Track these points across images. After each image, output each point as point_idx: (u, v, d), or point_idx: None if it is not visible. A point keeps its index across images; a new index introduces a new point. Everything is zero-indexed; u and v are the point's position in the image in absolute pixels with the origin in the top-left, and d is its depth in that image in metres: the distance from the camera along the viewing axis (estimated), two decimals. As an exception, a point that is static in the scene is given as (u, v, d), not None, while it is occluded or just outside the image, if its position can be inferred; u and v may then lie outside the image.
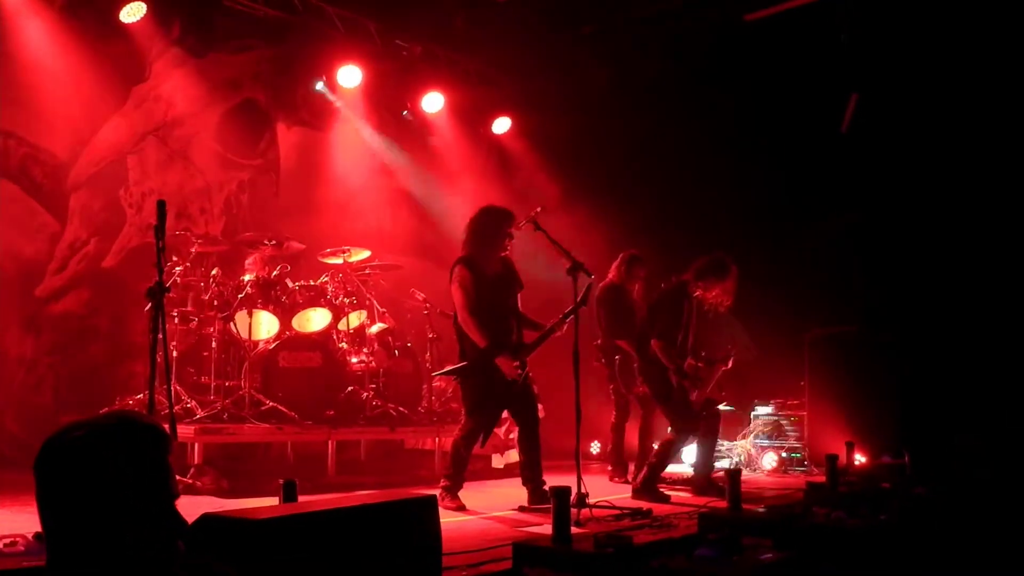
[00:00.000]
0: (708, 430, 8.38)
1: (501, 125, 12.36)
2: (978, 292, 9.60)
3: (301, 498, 4.38)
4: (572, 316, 7.18)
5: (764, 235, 10.90)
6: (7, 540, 4.02)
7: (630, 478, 8.88)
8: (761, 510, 5.92)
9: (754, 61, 10.55)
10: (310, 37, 10.64)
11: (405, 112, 11.99)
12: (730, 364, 8.46)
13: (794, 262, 10.76)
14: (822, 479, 7.22)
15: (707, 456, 8.41)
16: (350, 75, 10.89)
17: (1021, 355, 9.17)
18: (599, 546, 4.49)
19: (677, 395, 8.11)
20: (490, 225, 7.44)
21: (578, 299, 7.17)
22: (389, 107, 11.82)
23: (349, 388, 9.31)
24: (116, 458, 2.18)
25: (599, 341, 9.34)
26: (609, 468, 9.56)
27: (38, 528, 2.25)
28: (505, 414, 8.19)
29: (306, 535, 3.17)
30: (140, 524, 2.17)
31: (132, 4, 9.15)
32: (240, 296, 8.92)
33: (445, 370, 8.12)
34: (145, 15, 9.25)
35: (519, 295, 7.60)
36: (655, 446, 8.32)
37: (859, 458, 9.31)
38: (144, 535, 2.17)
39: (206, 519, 3.12)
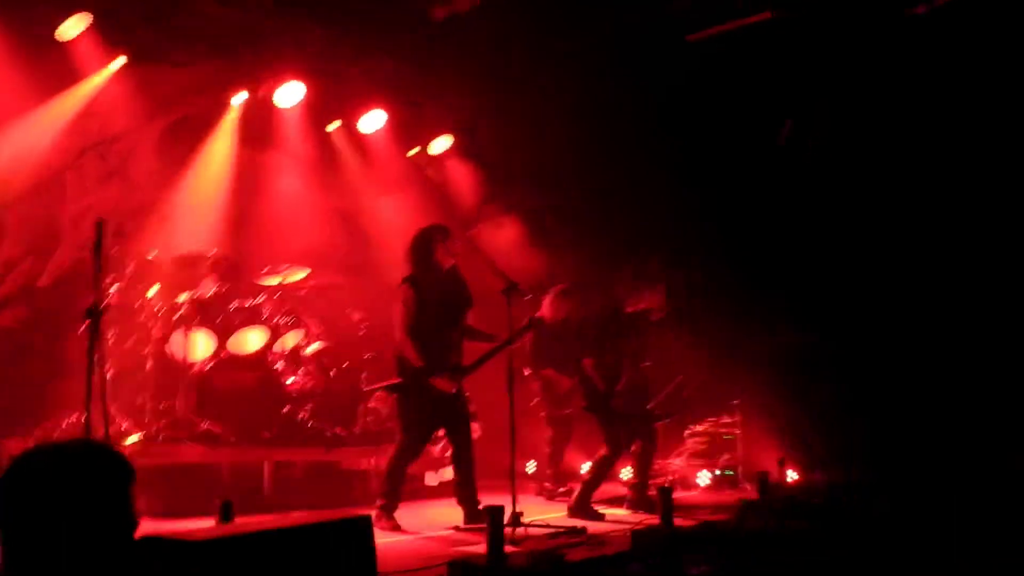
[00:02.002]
0: (644, 447, 8.47)
1: (441, 144, 12.38)
2: (915, 306, 9.75)
3: (238, 519, 4.40)
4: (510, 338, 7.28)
5: (704, 247, 11.00)
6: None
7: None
8: (694, 525, 6.02)
9: (699, 78, 10.66)
10: (249, 53, 10.58)
11: (333, 127, 11.85)
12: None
13: (729, 277, 10.88)
14: (755, 496, 7.34)
15: (642, 473, 8.51)
16: (290, 92, 10.83)
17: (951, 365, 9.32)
18: (533, 564, 4.56)
19: (611, 412, 8.22)
20: (426, 243, 7.54)
21: (522, 326, 7.35)
22: (329, 123, 11.78)
23: (285, 408, 9.28)
24: (80, 484, 2.21)
25: (527, 372, 9.47)
26: (547, 485, 9.65)
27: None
28: (441, 432, 8.26)
29: (244, 555, 3.19)
30: (101, 550, 2.20)
31: (72, 19, 9.01)
32: (176, 316, 8.87)
33: (380, 385, 8.16)
34: (83, 30, 9.16)
35: (468, 312, 7.68)
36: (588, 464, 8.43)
37: (791, 474, 9.46)
38: (105, 561, 2.21)
39: (147, 542, 3.14)
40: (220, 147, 11.20)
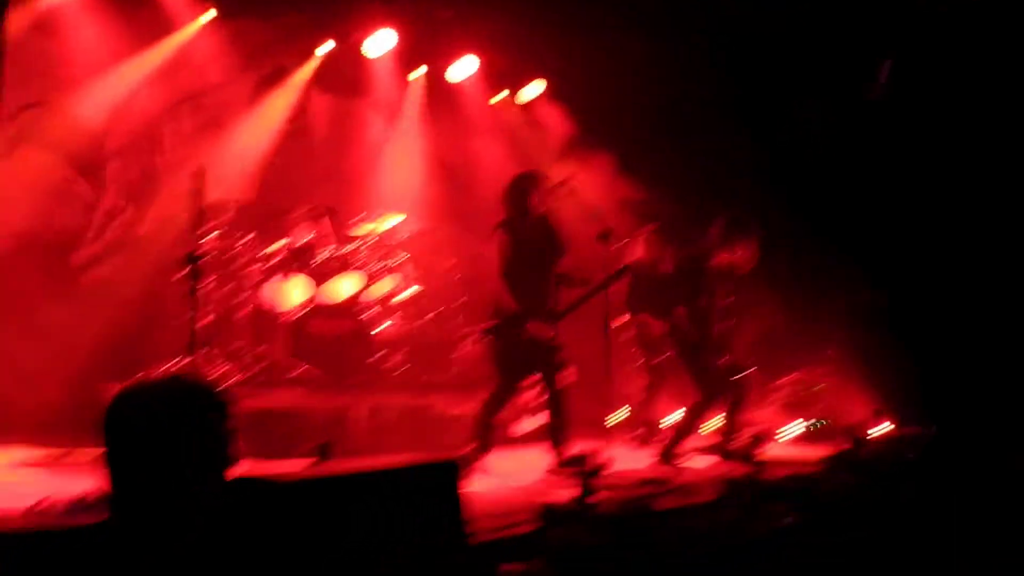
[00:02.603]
0: (735, 396, 8.43)
1: (534, 89, 12.32)
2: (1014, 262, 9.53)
3: (331, 462, 4.48)
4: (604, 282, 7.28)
5: (794, 203, 10.86)
6: (45, 503, 4.14)
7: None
8: (783, 477, 5.99)
9: (782, 32, 10.45)
10: (340, 1, 10.65)
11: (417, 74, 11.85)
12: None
13: (822, 229, 10.73)
14: (847, 447, 7.27)
15: (733, 423, 8.46)
16: (381, 40, 10.88)
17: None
18: (622, 510, 4.59)
19: (703, 360, 8.19)
20: (521, 189, 7.55)
21: (613, 273, 7.34)
22: (421, 72, 11.79)
23: (379, 353, 9.40)
24: (178, 417, 2.28)
25: (623, 319, 9.46)
26: (640, 431, 9.65)
27: (72, 491, 2.36)
28: (535, 377, 8.31)
29: (331, 497, 3.27)
30: (197, 483, 2.28)
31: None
32: (273, 262, 9.02)
33: (475, 329, 8.21)
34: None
35: (561, 260, 7.70)
36: (681, 412, 8.41)
37: (886, 427, 9.33)
38: (201, 494, 2.28)
39: (238, 482, 3.23)
40: (312, 96, 11.32)
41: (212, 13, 9.81)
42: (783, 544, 4.61)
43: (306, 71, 11.01)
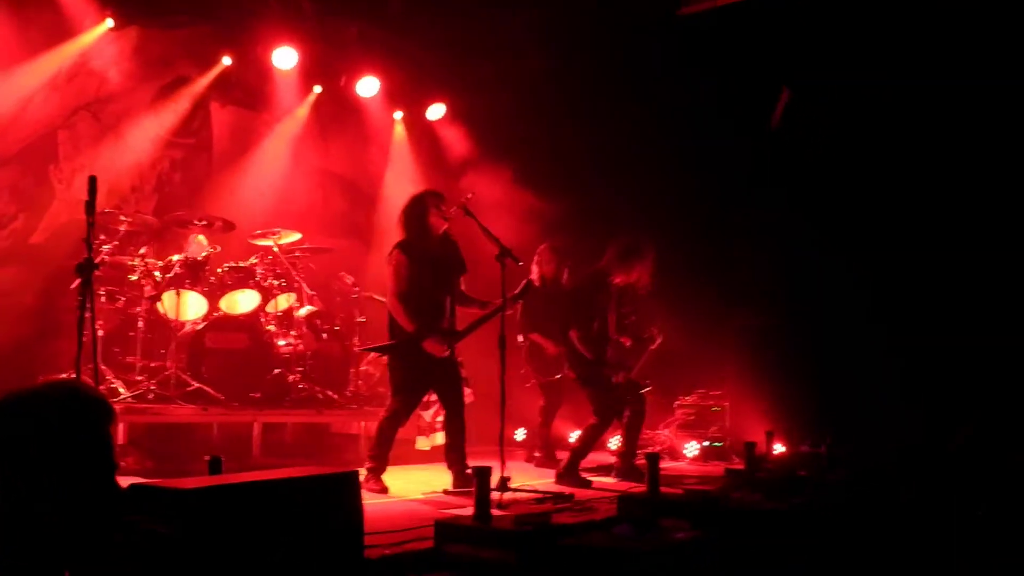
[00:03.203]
0: (633, 416, 8.50)
1: (436, 111, 12.37)
2: (903, 284, 9.78)
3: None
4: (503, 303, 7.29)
5: (693, 222, 11.05)
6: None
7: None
8: (679, 493, 6.05)
9: (687, 54, 10.66)
10: (244, 15, 10.57)
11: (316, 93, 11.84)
12: (656, 344, 8.66)
13: (721, 251, 10.94)
14: (742, 467, 7.38)
15: (631, 442, 8.53)
16: (285, 56, 10.84)
17: (942, 351, 9.35)
18: (519, 524, 4.59)
19: (600, 381, 8.26)
20: (420, 208, 7.53)
21: (516, 292, 7.39)
22: (323, 88, 11.75)
23: (276, 370, 9.30)
24: (62, 424, 2.22)
25: (520, 339, 9.52)
26: (536, 453, 9.68)
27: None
28: (432, 397, 8.28)
29: (230, 504, 3.21)
30: (82, 489, 2.22)
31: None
32: (168, 276, 8.88)
33: (373, 347, 8.16)
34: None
35: (461, 278, 7.70)
36: (577, 432, 8.46)
37: (778, 447, 9.51)
38: (86, 500, 2.22)
39: (135, 489, 3.16)
40: (213, 109, 11.20)
41: (110, 22, 9.63)
42: (679, 559, 4.65)
43: (206, 82, 10.88)
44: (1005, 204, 9.32)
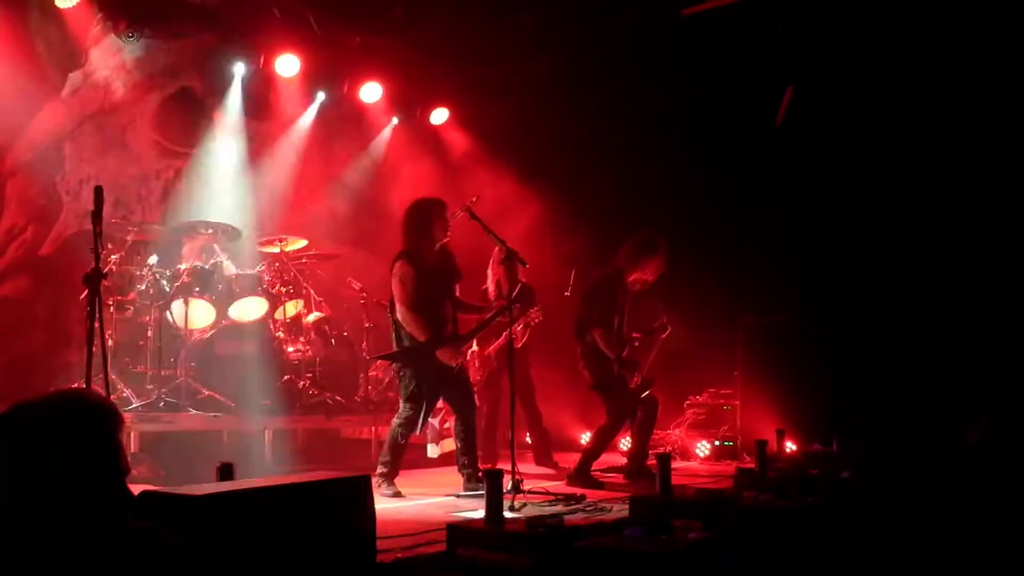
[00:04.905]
0: (645, 417, 8.48)
1: (439, 116, 12.39)
2: (911, 285, 9.76)
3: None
4: (509, 307, 7.30)
5: (700, 223, 11.03)
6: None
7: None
8: (691, 494, 6.03)
9: (691, 54, 10.65)
10: (247, 25, 10.59)
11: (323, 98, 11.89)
12: (667, 333, 8.64)
13: (729, 250, 10.92)
14: (753, 466, 7.36)
15: (642, 443, 8.52)
16: (288, 63, 10.87)
17: (948, 351, 9.32)
18: (531, 527, 4.58)
19: (615, 381, 8.25)
20: (423, 216, 7.49)
21: (513, 294, 7.38)
22: (326, 95, 11.77)
23: (286, 377, 9.30)
24: (70, 433, 2.23)
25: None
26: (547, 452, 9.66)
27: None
28: (441, 403, 8.28)
29: (243, 510, 3.22)
30: (91, 495, 2.22)
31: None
32: (176, 284, 8.89)
33: (384, 355, 8.16)
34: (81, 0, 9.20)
35: (457, 285, 7.69)
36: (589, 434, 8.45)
37: (789, 446, 9.48)
38: (95, 506, 2.22)
39: (146, 496, 3.16)
40: (218, 118, 11.21)
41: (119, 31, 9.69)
42: (692, 560, 4.65)
43: (217, 92, 10.91)
44: (1013, 204, 9.29)
